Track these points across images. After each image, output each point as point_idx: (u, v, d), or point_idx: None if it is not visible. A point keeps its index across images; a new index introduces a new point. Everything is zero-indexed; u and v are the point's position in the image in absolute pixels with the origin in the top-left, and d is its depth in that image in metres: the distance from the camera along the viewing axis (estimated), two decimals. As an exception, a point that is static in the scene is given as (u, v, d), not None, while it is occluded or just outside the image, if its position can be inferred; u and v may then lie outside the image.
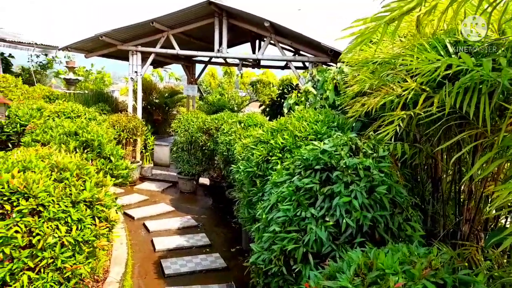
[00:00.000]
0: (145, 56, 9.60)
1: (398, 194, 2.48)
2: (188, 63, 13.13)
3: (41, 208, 2.45)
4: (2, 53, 16.87)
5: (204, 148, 8.29)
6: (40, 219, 2.43)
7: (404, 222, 2.40)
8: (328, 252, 2.28)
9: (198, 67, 13.83)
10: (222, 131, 7.31)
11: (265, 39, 11.20)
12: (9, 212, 2.39)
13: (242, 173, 4.81)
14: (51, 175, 2.72)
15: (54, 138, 3.77)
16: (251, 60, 12.41)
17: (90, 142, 3.86)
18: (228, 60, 13.43)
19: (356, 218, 2.27)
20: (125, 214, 6.98)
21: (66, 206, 2.54)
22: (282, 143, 3.61)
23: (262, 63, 12.84)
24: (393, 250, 1.63)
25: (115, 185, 5.03)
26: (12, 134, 5.75)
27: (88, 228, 2.62)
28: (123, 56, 10.36)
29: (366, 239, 2.29)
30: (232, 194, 7.17)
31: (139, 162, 9.36)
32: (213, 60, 13.54)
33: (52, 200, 2.50)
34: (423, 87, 2.94)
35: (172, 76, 18.00)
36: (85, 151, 3.87)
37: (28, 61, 17.96)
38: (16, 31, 18.96)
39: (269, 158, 3.64)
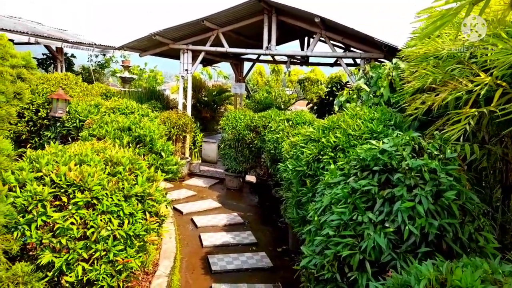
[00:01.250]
0: (195, 55, 9.76)
1: (469, 201, 2.22)
2: (237, 61, 13.21)
3: (95, 201, 2.51)
4: (66, 54, 18.07)
5: (251, 145, 8.26)
6: (94, 211, 2.49)
7: (475, 232, 2.15)
8: (388, 261, 2.10)
9: (246, 66, 13.87)
10: (270, 129, 7.22)
11: (314, 35, 10.96)
12: (65, 204, 2.47)
13: (290, 172, 4.68)
14: (105, 168, 2.79)
15: (109, 133, 3.91)
16: (300, 57, 12.20)
17: (142, 138, 3.94)
18: (276, 58, 13.32)
19: (421, 226, 2.06)
20: (174, 208, 7.13)
21: (119, 200, 2.58)
22: (334, 141, 3.43)
23: (311, 60, 12.58)
24: (471, 265, 1.43)
25: (165, 180, 5.13)
26: (72, 129, 6.08)
27: (139, 222, 2.65)
28: (175, 54, 10.64)
29: (431, 249, 2.08)
30: (279, 193, 7.06)
31: (188, 158, 9.55)
32: (261, 58, 13.51)
33: (106, 193, 2.55)
34: (499, 81, 2.63)
35: (220, 75, 18.25)
36: (138, 146, 3.96)
37: (88, 61, 19.09)
38: (77, 33, 20.26)
39: (320, 157, 3.47)
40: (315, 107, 13.15)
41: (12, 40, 15.79)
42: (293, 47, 13.03)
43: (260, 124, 7.90)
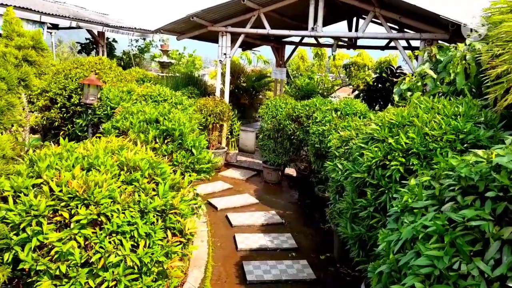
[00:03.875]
0: (234, 38, 9.13)
1: None
2: (278, 45, 12.42)
3: (103, 218, 2.00)
4: (107, 38, 18.11)
5: (292, 137, 7.58)
6: (101, 231, 1.98)
7: None
8: (511, 339, 1.39)
9: (288, 50, 13.05)
10: (314, 119, 6.50)
11: (365, 15, 9.94)
12: (67, 221, 1.98)
13: (341, 174, 4.00)
14: (120, 174, 2.27)
15: (134, 126, 3.40)
16: (347, 39, 11.21)
17: (171, 132, 3.40)
18: (321, 41, 12.37)
19: None
20: (208, 203, 6.68)
21: (132, 217, 2.05)
22: (406, 143, 2.69)
23: (359, 42, 11.53)
24: None
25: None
26: (103, 117, 5.71)
27: (158, 244, 2.11)
28: (213, 38, 10.08)
29: None
30: (324, 192, 6.38)
31: (224, 148, 9.06)
32: (305, 41, 12.62)
33: (117, 209, 2.03)
34: None
35: (260, 59, 17.53)
36: (165, 141, 3.44)
37: (129, 46, 19.10)
38: (119, 17, 20.30)
39: (387, 162, 2.75)
40: (361, 95, 12.17)
41: (56, 25, 15.88)
42: (338, 29, 12.05)
43: (303, 114, 7.19)
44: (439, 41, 7.44)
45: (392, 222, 2.05)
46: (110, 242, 1.97)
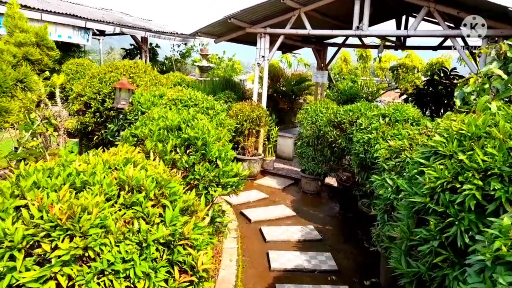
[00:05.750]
0: (273, 39, 8.70)
1: None
2: (320, 47, 11.82)
3: (91, 253, 1.60)
4: (151, 44, 18.42)
5: (333, 145, 6.97)
6: (89, 270, 1.59)
7: None
8: None
9: (330, 52, 12.40)
10: (359, 126, 5.87)
11: (415, 13, 9.13)
12: (48, 255, 1.60)
13: (390, 189, 3.42)
14: (119, 196, 1.88)
15: (153, 134, 3.04)
16: (395, 39, 10.39)
17: (193, 141, 3.00)
18: (366, 42, 11.61)
19: None
20: (241, 214, 6.28)
21: (127, 252, 1.64)
22: (484, 161, 2.08)
23: (408, 42, 10.65)
24: None
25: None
26: (133, 122, 5.48)
27: (160, 286, 1.68)
28: (251, 40, 9.73)
29: None
30: (368, 207, 5.72)
31: (261, 154, 8.62)
32: (348, 42, 11.91)
33: (109, 242, 1.63)
34: None
35: (301, 62, 16.94)
36: (187, 151, 3.04)
37: (171, 51, 19.33)
38: (162, 23, 20.64)
39: (457, 185, 2.15)
40: (410, 99, 11.25)
41: (103, 31, 16.41)
42: (385, 29, 11.22)
43: (346, 120, 6.57)
44: (505, 39, 6.54)
45: (475, 275, 1.47)
46: (99, 284, 1.57)
